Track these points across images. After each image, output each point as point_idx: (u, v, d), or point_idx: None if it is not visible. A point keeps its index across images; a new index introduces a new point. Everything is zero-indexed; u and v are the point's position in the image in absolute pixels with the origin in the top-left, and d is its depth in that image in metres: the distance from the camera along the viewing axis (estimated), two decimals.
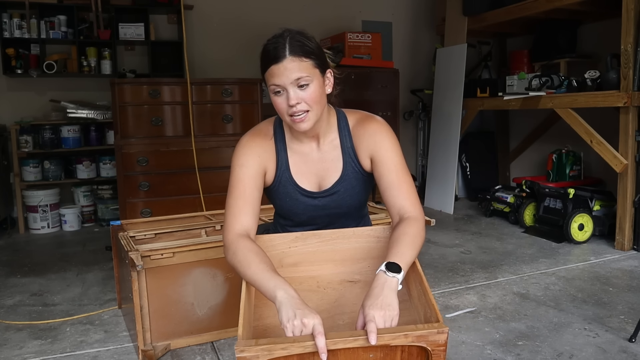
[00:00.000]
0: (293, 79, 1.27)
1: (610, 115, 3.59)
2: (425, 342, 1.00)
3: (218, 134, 3.68)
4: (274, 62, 1.27)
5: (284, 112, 1.31)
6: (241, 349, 0.96)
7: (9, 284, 3.01)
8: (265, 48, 1.32)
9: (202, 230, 2.39)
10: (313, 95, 1.29)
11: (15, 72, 4.25)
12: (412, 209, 1.32)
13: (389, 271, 1.13)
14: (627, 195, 3.40)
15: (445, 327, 1.00)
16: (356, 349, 1.00)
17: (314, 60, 1.29)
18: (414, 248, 1.22)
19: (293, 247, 1.37)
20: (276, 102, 1.31)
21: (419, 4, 5.62)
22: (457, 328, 2.30)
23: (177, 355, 2.10)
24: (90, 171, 4.44)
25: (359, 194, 1.46)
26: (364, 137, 1.40)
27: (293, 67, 1.26)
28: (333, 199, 1.44)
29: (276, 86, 1.29)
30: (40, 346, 2.21)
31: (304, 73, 1.27)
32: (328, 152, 1.43)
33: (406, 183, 1.35)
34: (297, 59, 1.27)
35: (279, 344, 0.97)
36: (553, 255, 3.38)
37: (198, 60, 4.80)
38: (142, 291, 2.03)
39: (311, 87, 1.29)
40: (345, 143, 1.43)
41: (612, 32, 3.71)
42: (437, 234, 3.93)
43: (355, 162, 1.42)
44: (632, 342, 2.12)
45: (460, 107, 4.66)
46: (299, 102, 1.28)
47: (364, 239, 1.38)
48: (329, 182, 1.43)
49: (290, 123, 1.33)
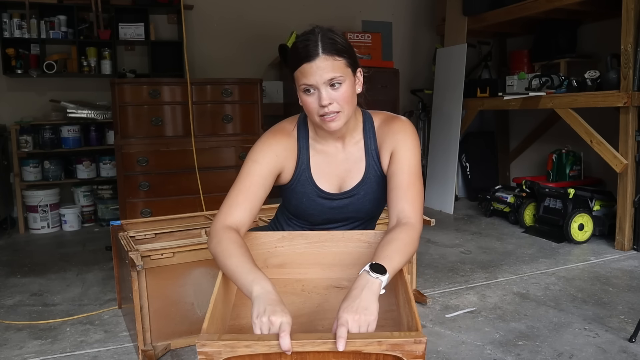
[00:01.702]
0: (326, 78, 1.23)
1: (610, 115, 3.59)
2: (401, 351, 0.91)
3: (218, 134, 3.68)
4: (305, 61, 1.24)
5: (314, 112, 1.27)
6: (202, 343, 0.90)
7: (9, 284, 3.01)
8: (295, 46, 1.27)
9: (202, 230, 2.39)
10: (345, 95, 1.26)
11: (15, 72, 4.24)
12: (413, 216, 1.26)
13: (372, 272, 1.05)
14: (627, 195, 3.40)
15: (424, 337, 0.92)
16: (326, 353, 0.93)
17: (346, 59, 1.26)
18: (404, 255, 1.16)
19: (279, 246, 1.33)
20: (306, 101, 1.27)
21: (419, 4, 5.62)
22: (457, 328, 2.30)
23: (177, 355, 2.10)
24: (90, 171, 4.44)
25: (379, 200, 1.42)
26: (388, 136, 1.37)
27: (326, 67, 1.23)
28: (352, 202, 1.40)
29: (308, 86, 1.25)
30: (40, 346, 2.21)
31: (337, 73, 1.24)
32: (352, 153, 1.40)
33: (415, 187, 1.31)
34: (330, 57, 1.23)
35: (242, 341, 0.91)
36: (553, 255, 3.38)
37: (198, 60, 4.80)
38: (142, 291, 2.03)
39: (343, 87, 1.26)
40: (369, 145, 1.39)
41: (612, 32, 3.71)
42: (437, 234, 3.93)
43: (377, 165, 1.39)
44: (632, 342, 2.12)
45: (460, 107, 4.66)
46: (331, 102, 1.25)
47: (353, 243, 1.34)
48: (350, 184, 1.40)
49: (319, 123, 1.29)
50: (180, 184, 3.56)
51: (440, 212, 4.73)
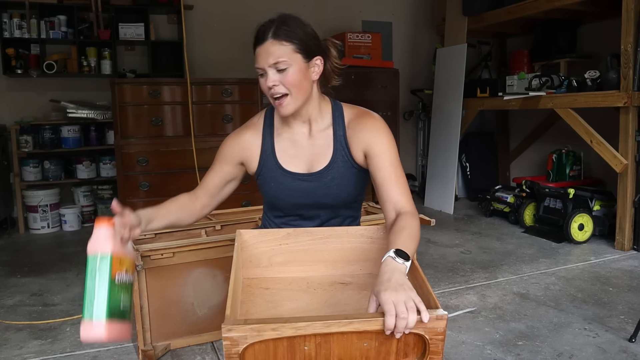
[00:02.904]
0: (271, 62, 1.31)
1: (610, 115, 3.59)
2: (423, 329, 0.93)
3: (218, 134, 3.68)
4: (256, 45, 1.34)
5: (268, 95, 1.36)
6: (229, 328, 0.89)
7: (9, 284, 3.01)
8: (255, 30, 1.37)
9: (202, 230, 2.39)
10: (291, 79, 1.32)
11: (15, 72, 4.24)
12: (408, 205, 1.31)
13: (398, 257, 1.07)
14: (627, 195, 3.40)
15: (445, 314, 0.93)
16: (350, 335, 0.93)
17: (296, 45, 1.32)
18: (415, 241, 1.20)
19: (284, 244, 1.35)
20: (260, 83, 1.37)
21: (419, 4, 5.62)
22: (457, 328, 2.30)
23: (177, 355, 2.10)
24: (90, 171, 4.44)
25: (347, 186, 1.44)
26: (361, 131, 1.40)
27: (273, 51, 1.31)
28: (318, 185, 1.42)
29: (258, 68, 1.34)
30: (40, 346, 2.21)
31: (283, 57, 1.31)
32: (319, 139, 1.44)
33: (402, 179, 1.35)
34: (277, 42, 1.31)
35: (269, 324, 0.90)
36: (553, 255, 3.38)
37: (198, 60, 4.80)
38: (142, 291, 2.03)
39: (289, 71, 1.32)
40: (337, 131, 1.43)
41: (612, 32, 3.71)
42: (437, 234, 3.93)
43: (346, 152, 1.42)
44: (632, 342, 2.12)
45: (460, 107, 4.66)
46: (275, 84, 1.32)
47: (357, 239, 1.35)
48: (317, 167, 1.43)
49: (275, 106, 1.38)
50: (180, 184, 3.55)
51: (440, 212, 4.73)
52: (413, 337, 0.96)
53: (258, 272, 1.35)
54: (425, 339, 0.95)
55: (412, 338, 0.96)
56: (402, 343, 0.96)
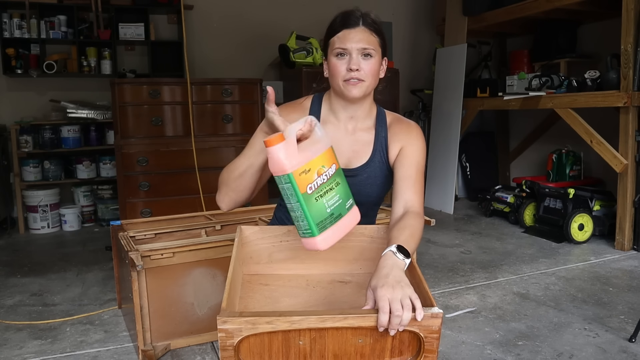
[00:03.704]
0: (361, 47, 1.34)
1: (610, 115, 3.59)
2: (418, 326, 0.94)
3: (218, 134, 3.68)
4: (346, 27, 1.35)
5: (340, 76, 1.35)
6: (224, 320, 0.90)
7: (9, 284, 3.01)
8: (336, 17, 1.39)
9: (202, 230, 2.39)
10: (373, 68, 1.36)
11: (15, 72, 4.24)
12: (418, 206, 1.34)
13: (399, 252, 1.07)
14: (627, 195, 3.40)
15: (440, 312, 0.93)
16: (345, 331, 0.93)
17: (381, 41, 1.38)
18: (416, 240, 1.22)
19: (285, 241, 1.35)
20: (335, 64, 1.36)
21: (419, 4, 5.62)
22: (457, 328, 2.30)
23: (177, 355, 2.10)
24: (90, 171, 4.44)
25: (379, 186, 1.46)
26: (401, 133, 1.44)
27: (363, 37, 1.34)
28: (354, 182, 1.41)
29: (342, 49, 1.34)
30: (40, 346, 2.21)
31: (372, 45, 1.35)
32: (361, 136, 1.46)
33: (420, 184, 1.38)
34: (368, 31, 1.36)
35: (264, 317, 0.91)
36: (553, 255, 3.38)
37: (198, 60, 4.80)
38: (142, 291, 2.03)
39: (373, 60, 1.36)
40: (380, 132, 1.46)
41: (612, 32, 3.71)
42: (437, 234, 3.93)
43: (384, 153, 1.45)
44: (632, 342, 2.12)
45: (460, 107, 4.66)
46: (358, 69, 1.34)
47: (356, 237, 1.35)
48: (355, 164, 1.44)
49: (342, 87, 1.37)
50: (180, 184, 3.55)
51: (440, 212, 4.73)
52: (408, 335, 0.96)
53: (258, 269, 1.35)
54: (420, 337, 0.95)
55: (407, 336, 0.96)
56: (397, 341, 0.96)
